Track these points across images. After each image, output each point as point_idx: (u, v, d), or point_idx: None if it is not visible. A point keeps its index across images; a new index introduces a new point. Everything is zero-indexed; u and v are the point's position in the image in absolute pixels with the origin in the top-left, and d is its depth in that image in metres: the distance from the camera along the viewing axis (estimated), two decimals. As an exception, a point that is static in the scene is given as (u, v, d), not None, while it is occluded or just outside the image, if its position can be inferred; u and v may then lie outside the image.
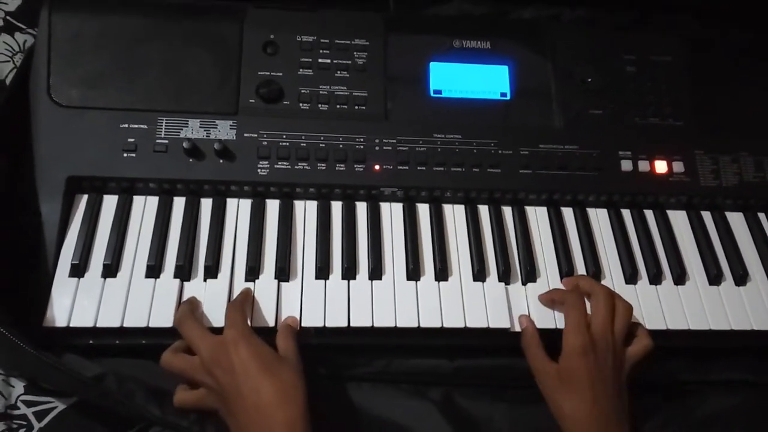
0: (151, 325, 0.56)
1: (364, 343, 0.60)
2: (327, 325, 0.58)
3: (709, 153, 0.71)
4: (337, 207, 0.66)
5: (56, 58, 0.65)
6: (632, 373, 0.56)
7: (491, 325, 0.60)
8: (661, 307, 0.63)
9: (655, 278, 0.65)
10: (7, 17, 0.73)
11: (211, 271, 0.60)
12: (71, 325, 0.56)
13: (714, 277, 0.66)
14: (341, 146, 0.66)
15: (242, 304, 0.57)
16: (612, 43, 0.74)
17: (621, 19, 0.79)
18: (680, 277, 0.65)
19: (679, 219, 0.70)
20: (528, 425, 0.58)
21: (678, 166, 0.70)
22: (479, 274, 0.63)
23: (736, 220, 0.71)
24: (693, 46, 0.75)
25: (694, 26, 0.79)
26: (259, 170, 0.64)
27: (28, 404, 0.55)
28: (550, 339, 0.58)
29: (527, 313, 0.61)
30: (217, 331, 0.53)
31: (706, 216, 0.70)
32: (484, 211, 0.67)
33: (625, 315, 0.57)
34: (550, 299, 0.61)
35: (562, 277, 0.64)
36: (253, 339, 0.52)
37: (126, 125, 0.64)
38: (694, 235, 0.69)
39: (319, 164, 0.65)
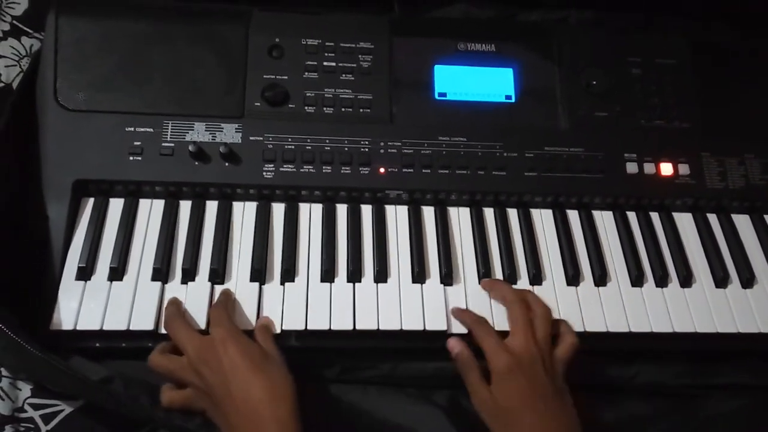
0: (157, 329, 0.56)
1: (369, 347, 0.60)
2: (332, 327, 0.58)
3: (715, 155, 0.71)
4: (342, 210, 0.66)
5: (63, 61, 0.66)
6: (566, 373, 0.54)
7: (497, 328, 0.59)
8: (668, 309, 0.63)
9: (662, 281, 0.65)
10: (14, 21, 0.73)
11: (217, 275, 0.60)
12: (78, 328, 0.56)
13: (720, 280, 0.66)
14: (346, 149, 0.66)
15: (225, 304, 0.57)
16: (617, 45, 0.74)
17: (627, 21, 0.78)
18: (686, 279, 0.65)
19: (685, 221, 0.70)
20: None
21: (684, 169, 0.70)
22: (485, 277, 0.63)
23: (743, 222, 0.71)
24: (698, 48, 0.75)
25: (700, 28, 0.79)
26: (264, 173, 0.64)
27: (35, 407, 0.55)
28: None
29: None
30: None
31: (712, 218, 0.70)
32: (489, 213, 0.67)
33: (544, 319, 0.56)
34: (461, 321, 0.59)
35: (568, 281, 0.64)
36: (241, 337, 0.52)
37: (132, 128, 0.64)
38: (701, 238, 0.69)
39: (324, 167, 0.65)
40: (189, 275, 0.60)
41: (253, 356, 0.51)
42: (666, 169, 0.70)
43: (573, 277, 0.64)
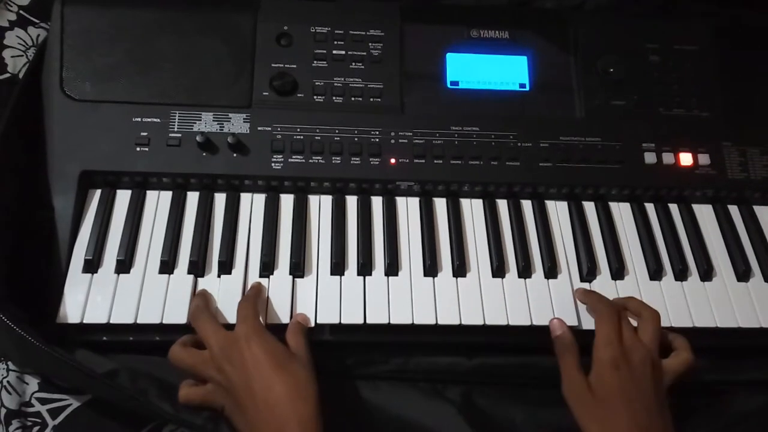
0: (164, 322, 0.56)
1: (380, 341, 0.59)
2: (342, 321, 0.57)
3: (737, 145, 0.69)
4: (352, 201, 0.64)
5: (69, 51, 0.65)
6: (671, 388, 0.53)
7: (511, 323, 0.58)
8: (687, 304, 0.61)
9: (681, 274, 0.63)
10: (20, 11, 0.72)
11: (225, 267, 0.59)
12: (85, 321, 0.55)
13: (742, 273, 0.64)
14: (356, 139, 0.65)
15: (254, 299, 0.56)
16: (635, 31, 0.72)
17: (645, 6, 0.76)
18: (707, 273, 0.63)
19: (705, 213, 0.68)
20: (550, 427, 0.57)
21: (704, 159, 0.68)
22: (498, 270, 0.61)
23: (765, 213, 0.69)
24: (719, 34, 0.72)
25: (721, 13, 0.77)
26: (273, 164, 0.63)
27: (43, 401, 0.54)
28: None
29: (551, 311, 0.59)
30: (231, 327, 0.53)
31: (733, 210, 0.68)
32: (502, 205, 0.66)
33: (652, 323, 0.55)
34: (583, 302, 0.59)
35: (583, 274, 0.62)
36: (265, 335, 0.51)
37: (139, 119, 0.63)
38: (721, 230, 0.67)
39: (333, 158, 0.64)
40: (196, 268, 0.59)
41: (276, 355, 0.50)
42: (686, 159, 0.68)
43: (589, 271, 0.62)
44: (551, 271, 0.62)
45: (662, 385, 0.52)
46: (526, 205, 0.66)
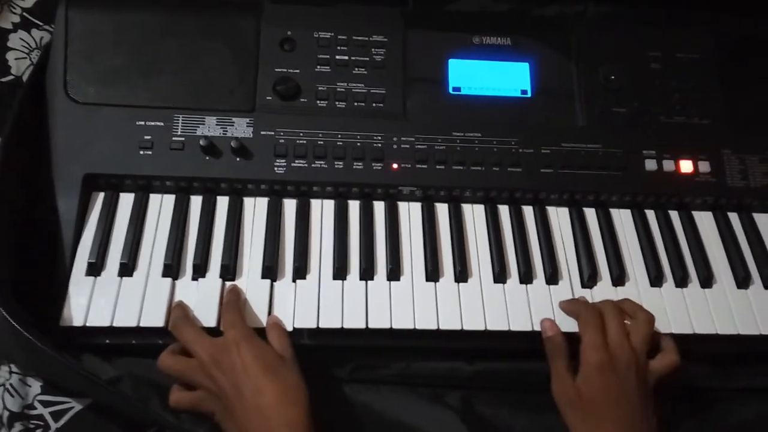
0: (167, 325, 0.56)
1: (382, 345, 0.59)
2: (344, 326, 0.57)
3: (737, 152, 0.69)
4: (354, 206, 0.65)
5: (73, 54, 0.65)
6: (657, 389, 0.53)
7: (512, 328, 0.59)
8: (688, 310, 0.61)
9: (681, 281, 0.63)
10: (24, 14, 0.72)
11: (228, 271, 0.59)
12: (88, 324, 0.55)
13: (742, 280, 0.64)
14: (359, 144, 0.65)
15: (236, 304, 0.56)
16: (636, 39, 0.72)
17: (646, 14, 0.77)
18: (707, 279, 0.64)
19: (705, 220, 0.68)
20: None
21: (704, 166, 0.68)
22: (500, 276, 0.62)
23: (764, 221, 0.69)
24: (720, 42, 0.73)
25: (722, 21, 0.77)
26: (275, 168, 0.63)
27: (45, 404, 0.54)
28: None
29: (552, 317, 0.59)
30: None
31: (733, 217, 0.69)
32: (504, 211, 0.66)
33: (645, 326, 0.55)
34: (567, 311, 0.59)
35: (584, 280, 0.63)
36: (254, 340, 0.51)
37: (142, 122, 0.63)
38: (721, 237, 0.67)
39: (336, 163, 0.64)
40: (200, 271, 0.59)
41: (266, 359, 0.50)
42: (686, 166, 0.68)
43: (590, 278, 0.62)
44: (552, 277, 0.62)
45: (648, 387, 0.53)
46: (528, 211, 0.67)
